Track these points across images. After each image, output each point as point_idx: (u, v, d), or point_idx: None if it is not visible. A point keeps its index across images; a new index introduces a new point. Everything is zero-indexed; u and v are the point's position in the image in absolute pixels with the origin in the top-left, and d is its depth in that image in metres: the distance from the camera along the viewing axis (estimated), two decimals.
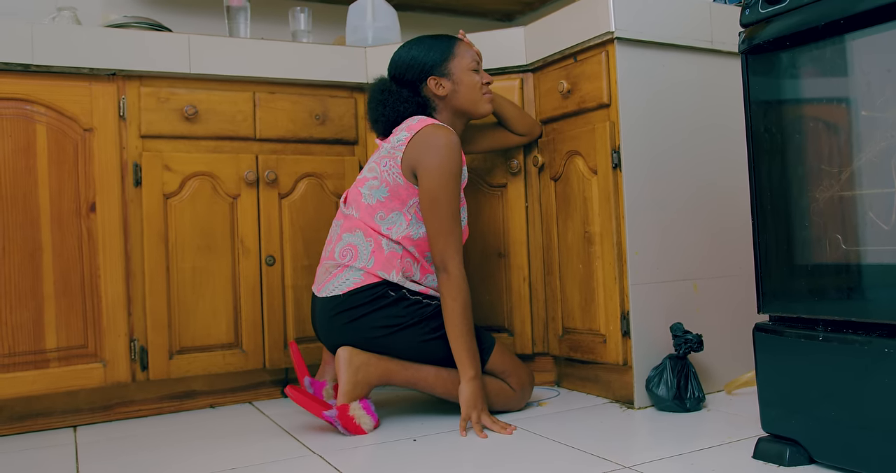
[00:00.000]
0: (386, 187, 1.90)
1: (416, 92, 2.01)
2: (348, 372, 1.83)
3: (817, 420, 1.38)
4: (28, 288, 1.95)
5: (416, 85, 2.00)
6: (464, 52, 2.01)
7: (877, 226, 1.30)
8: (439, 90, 1.99)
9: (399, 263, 1.88)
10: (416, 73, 1.99)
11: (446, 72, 1.98)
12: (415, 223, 1.90)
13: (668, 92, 2.04)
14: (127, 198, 2.08)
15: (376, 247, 1.88)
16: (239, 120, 2.22)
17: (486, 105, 2.04)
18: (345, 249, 1.91)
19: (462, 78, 1.99)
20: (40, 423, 2.01)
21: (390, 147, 1.93)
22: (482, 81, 2.02)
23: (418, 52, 2.00)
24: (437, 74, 1.98)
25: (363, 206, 1.92)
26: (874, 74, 1.30)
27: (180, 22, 2.79)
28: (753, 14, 1.48)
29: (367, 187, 1.93)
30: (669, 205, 2.03)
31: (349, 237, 1.92)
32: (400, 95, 1.99)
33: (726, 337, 2.08)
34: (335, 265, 1.92)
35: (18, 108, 1.96)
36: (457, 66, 1.99)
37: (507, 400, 1.93)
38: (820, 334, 1.37)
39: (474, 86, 2.00)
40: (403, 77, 2.01)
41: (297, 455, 1.67)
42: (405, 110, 1.99)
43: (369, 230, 1.90)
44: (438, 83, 1.98)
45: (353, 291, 1.87)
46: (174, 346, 2.11)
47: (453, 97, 2.00)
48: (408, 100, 1.99)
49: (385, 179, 1.91)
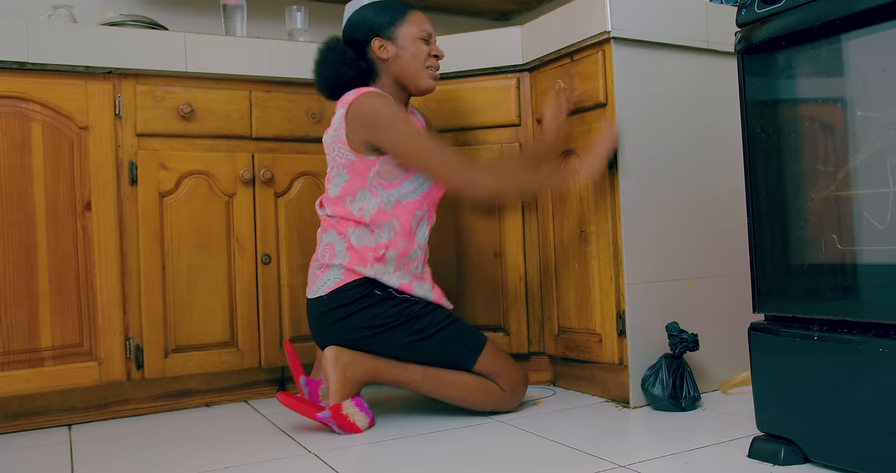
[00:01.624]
0: (343, 170, 1.90)
1: (361, 54, 1.99)
2: (336, 370, 1.83)
3: (812, 419, 1.38)
4: (23, 287, 1.95)
5: (362, 46, 1.98)
6: (416, 20, 1.99)
7: (872, 226, 1.31)
8: (382, 52, 1.96)
9: (371, 256, 1.87)
10: (364, 32, 1.97)
11: (392, 35, 1.96)
12: (382, 194, 1.89)
13: (664, 91, 2.04)
14: (122, 196, 2.08)
15: (349, 245, 1.89)
16: (235, 118, 2.22)
17: (428, 81, 2.00)
18: (325, 249, 1.93)
19: (407, 44, 1.97)
20: (35, 422, 2.00)
21: (332, 130, 1.93)
22: (430, 52, 1.99)
23: (369, 13, 1.98)
24: (383, 36, 1.96)
25: (331, 200, 1.93)
26: (870, 74, 1.30)
27: (176, 20, 2.79)
28: (750, 14, 1.48)
29: (331, 180, 1.95)
30: (666, 204, 2.03)
31: (326, 237, 1.93)
32: (343, 55, 1.97)
33: (722, 336, 2.08)
34: (318, 266, 1.93)
35: (14, 106, 1.96)
36: (404, 33, 1.97)
37: (496, 401, 1.91)
38: (815, 334, 1.38)
39: (418, 56, 1.97)
40: (352, 36, 1.99)
41: (293, 454, 1.67)
42: (345, 73, 1.96)
43: (341, 226, 1.90)
44: (383, 46, 1.96)
45: (335, 290, 1.87)
46: (170, 345, 2.11)
47: (395, 62, 1.97)
48: (349, 63, 1.96)
49: (340, 163, 1.91)
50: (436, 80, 2.02)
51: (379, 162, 1.88)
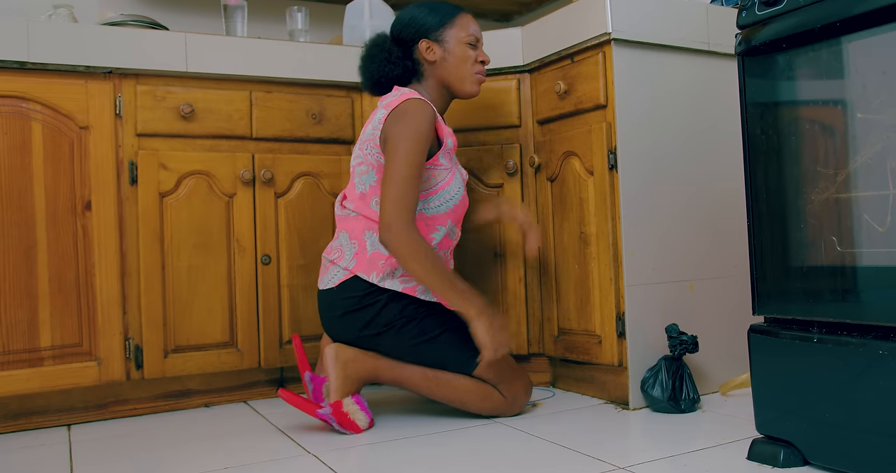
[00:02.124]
0: (373, 170, 1.90)
1: (407, 53, 1.99)
2: (336, 367, 1.84)
3: (812, 421, 1.38)
4: (23, 286, 1.95)
5: (409, 45, 1.98)
6: (465, 24, 1.99)
7: (872, 229, 1.31)
8: (429, 54, 1.96)
9: (383, 264, 1.86)
10: (412, 32, 1.97)
11: (440, 38, 1.96)
12: None
13: (664, 93, 2.04)
14: (123, 196, 2.08)
15: (359, 249, 1.88)
16: (235, 119, 2.22)
17: (474, 86, 2.00)
18: (336, 248, 1.94)
19: (454, 48, 1.97)
20: (34, 421, 2.00)
21: (371, 128, 1.92)
22: (477, 58, 1.99)
23: (419, 13, 1.98)
24: (430, 38, 1.96)
25: (357, 197, 1.93)
26: (870, 76, 1.30)
27: (177, 20, 2.79)
28: (750, 16, 1.48)
29: (357, 175, 1.94)
30: (666, 206, 2.03)
31: (341, 236, 1.94)
32: (390, 54, 1.97)
33: (722, 338, 2.08)
34: (327, 259, 1.95)
35: (14, 106, 1.96)
36: (452, 36, 1.97)
37: (495, 407, 1.90)
38: (815, 336, 1.38)
39: (465, 60, 1.97)
40: (400, 35, 1.99)
41: (292, 455, 1.67)
42: (391, 71, 1.97)
43: (358, 227, 1.89)
44: (430, 47, 1.96)
45: (345, 282, 1.88)
46: (169, 345, 2.11)
47: (441, 66, 1.97)
48: (395, 62, 1.96)
49: (370, 162, 1.90)
50: (480, 85, 2.02)
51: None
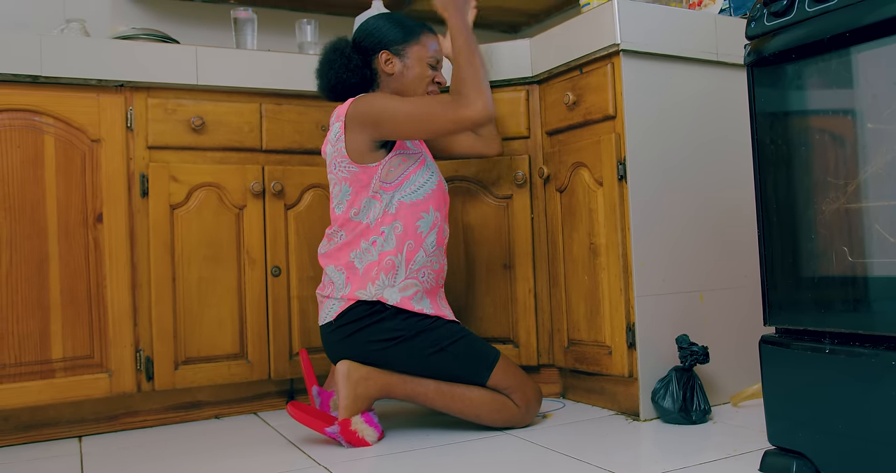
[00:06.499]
0: (347, 183, 1.90)
1: (366, 62, 1.99)
2: (347, 386, 1.83)
3: (824, 433, 1.37)
4: (35, 298, 1.96)
5: (369, 54, 1.99)
6: (428, 42, 2.00)
7: (883, 239, 1.30)
8: (388, 66, 1.97)
9: (376, 271, 1.86)
10: (374, 42, 1.98)
11: (402, 52, 1.97)
12: (385, 196, 1.88)
13: (673, 103, 2.04)
14: (134, 208, 2.09)
15: (349, 273, 1.89)
16: (246, 131, 2.23)
17: None
18: (326, 283, 1.95)
19: (414, 65, 1.98)
20: (45, 433, 2.01)
21: (331, 146, 1.93)
22: (434, 78, 2.01)
23: (384, 24, 1.99)
24: (391, 51, 1.97)
25: (339, 219, 1.93)
26: (880, 87, 1.30)
27: (188, 33, 2.81)
28: (759, 27, 1.49)
29: (333, 198, 1.95)
30: (676, 217, 2.03)
31: (327, 270, 1.94)
32: (349, 61, 1.97)
33: (732, 348, 2.07)
34: (321, 296, 1.96)
35: (27, 120, 1.98)
36: (414, 52, 1.98)
37: (509, 417, 1.89)
38: (826, 346, 1.37)
39: (422, 78, 1.99)
40: (361, 43, 2.00)
41: (302, 467, 1.67)
42: (348, 79, 1.97)
43: (342, 258, 1.90)
44: (389, 60, 1.97)
45: (343, 312, 1.88)
46: (180, 357, 2.12)
47: (398, 80, 1.98)
48: (354, 70, 1.96)
49: (342, 178, 1.91)
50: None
51: (381, 166, 1.88)
